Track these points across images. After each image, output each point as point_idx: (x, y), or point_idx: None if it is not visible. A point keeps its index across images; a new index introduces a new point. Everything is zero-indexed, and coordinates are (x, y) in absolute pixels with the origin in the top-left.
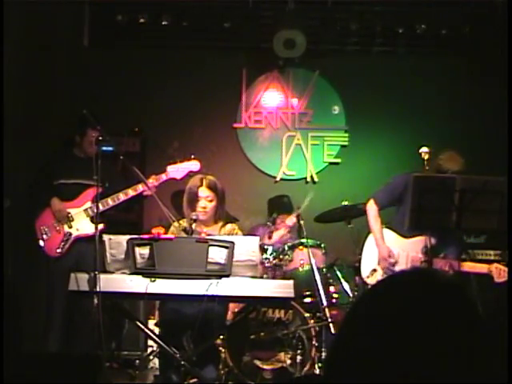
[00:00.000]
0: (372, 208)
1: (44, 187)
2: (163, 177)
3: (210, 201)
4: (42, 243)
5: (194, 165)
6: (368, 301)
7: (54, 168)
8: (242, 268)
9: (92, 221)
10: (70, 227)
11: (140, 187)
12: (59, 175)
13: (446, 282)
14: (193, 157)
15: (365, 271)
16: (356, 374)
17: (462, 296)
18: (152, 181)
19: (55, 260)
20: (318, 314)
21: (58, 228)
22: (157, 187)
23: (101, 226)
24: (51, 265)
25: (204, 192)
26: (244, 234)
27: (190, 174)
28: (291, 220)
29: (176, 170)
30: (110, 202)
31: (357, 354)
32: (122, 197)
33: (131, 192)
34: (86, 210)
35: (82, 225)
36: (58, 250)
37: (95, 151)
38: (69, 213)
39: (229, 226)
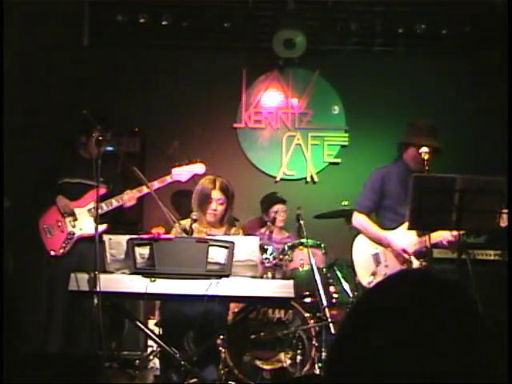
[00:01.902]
0: (359, 218)
1: (49, 186)
2: (168, 179)
3: (221, 204)
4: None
5: (199, 168)
6: (368, 301)
7: (59, 167)
8: (242, 268)
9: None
10: (74, 226)
11: (144, 188)
12: (64, 174)
13: (445, 281)
14: (198, 160)
15: (363, 277)
16: (356, 374)
17: (462, 296)
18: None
19: (57, 259)
20: (318, 314)
21: (61, 227)
22: (160, 189)
23: (104, 226)
24: (53, 264)
25: (216, 194)
26: (245, 235)
27: (195, 178)
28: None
29: (181, 173)
30: (115, 202)
31: (357, 354)
32: (125, 198)
33: (136, 193)
34: (89, 210)
35: (85, 225)
36: (61, 250)
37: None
38: (73, 211)
39: (233, 229)
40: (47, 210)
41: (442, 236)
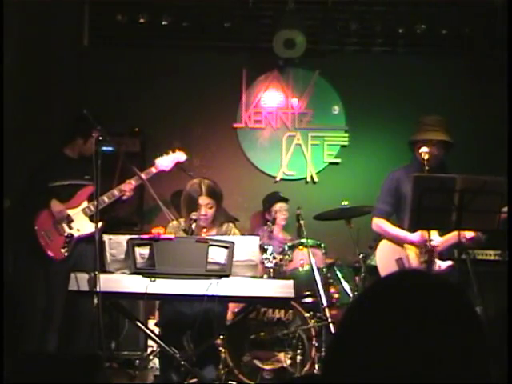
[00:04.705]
0: (378, 222)
1: (41, 191)
2: (153, 170)
3: (210, 208)
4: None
5: (180, 155)
6: (366, 301)
7: (49, 171)
8: (241, 268)
9: (91, 220)
10: (71, 228)
11: (133, 182)
12: (55, 178)
13: (443, 282)
14: (177, 148)
15: None
16: (354, 374)
17: (460, 297)
18: (133, 182)
19: (56, 261)
20: (318, 314)
21: (58, 230)
22: (144, 182)
23: (100, 225)
24: (52, 266)
25: (204, 200)
26: (243, 234)
27: (183, 167)
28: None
29: (164, 163)
30: (106, 199)
31: (354, 354)
32: (116, 193)
33: (124, 187)
34: (83, 209)
35: (81, 225)
36: (66, 254)
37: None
38: (68, 214)
39: (224, 226)
40: (41, 214)
41: (463, 234)
